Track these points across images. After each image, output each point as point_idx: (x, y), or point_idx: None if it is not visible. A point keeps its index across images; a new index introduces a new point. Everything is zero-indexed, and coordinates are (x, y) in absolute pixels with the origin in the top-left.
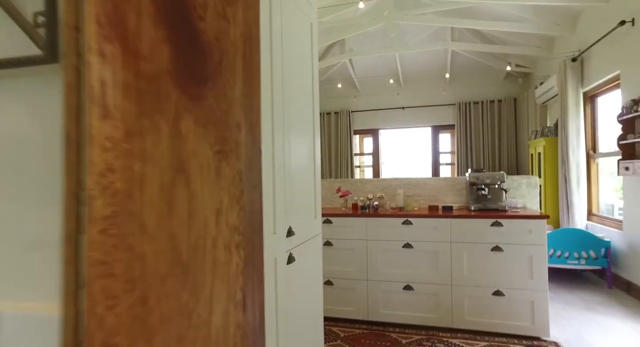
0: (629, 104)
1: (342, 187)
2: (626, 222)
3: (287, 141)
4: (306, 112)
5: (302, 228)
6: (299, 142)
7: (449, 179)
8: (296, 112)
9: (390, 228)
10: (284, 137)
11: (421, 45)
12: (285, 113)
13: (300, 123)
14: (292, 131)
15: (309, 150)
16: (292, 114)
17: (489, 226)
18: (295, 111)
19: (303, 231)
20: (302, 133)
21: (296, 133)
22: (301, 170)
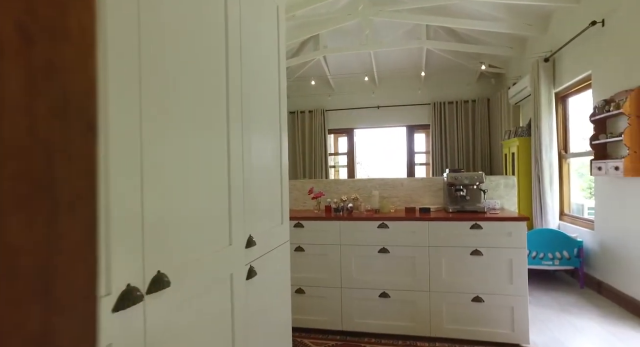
0: (600, 104)
1: (314, 188)
2: (597, 222)
3: (247, 140)
4: (271, 109)
5: (265, 236)
6: (263, 141)
7: (425, 180)
8: (259, 109)
9: (366, 232)
10: (242, 135)
11: (396, 43)
12: (245, 109)
13: (264, 121)
14: (254, 129)
15: (275, 150)
16: (254, 111)
17: (468, 229)
18: (257, 107)
19: (267, 240)
20: (266, 131)
21: (259, 131)
22: (265, 171)
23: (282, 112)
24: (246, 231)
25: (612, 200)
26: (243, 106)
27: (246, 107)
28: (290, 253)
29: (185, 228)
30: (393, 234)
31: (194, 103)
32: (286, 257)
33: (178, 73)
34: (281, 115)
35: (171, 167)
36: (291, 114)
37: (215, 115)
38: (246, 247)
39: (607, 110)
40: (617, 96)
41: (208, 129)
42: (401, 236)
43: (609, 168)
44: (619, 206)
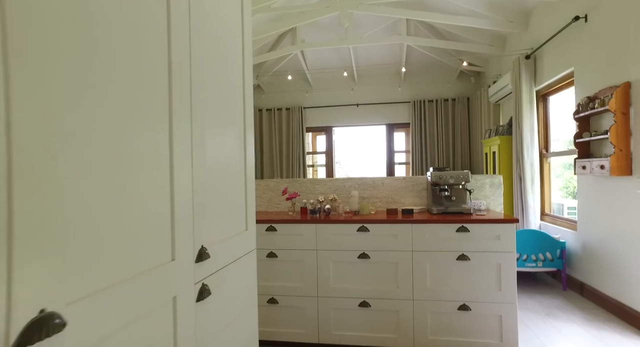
0: (584, 102)
1: (289, 189)
2: (580, 223)
3: (199, 135)
4: (233, 103)
5: (224, 246)
6: (221, 137)
7: (408, 179)
8: (216, 102)
9: (344, 236)
10: (191, 130)
11: (376, 39)
12: (196, 102)
13: (224, 115)
14: (209, 124)
15: (237, 148)
16: (209, 104)
17: (454, 232)
18: (214, 101)
19: (226, 250)
20: (226, 127)
21: (216, 126)
22: (224, 171)
23: (247, 107)
24: (197, 242)
25: (596, 200)
26: (194, 99)
27: (198, 100)
28: (262, 260)
29: (97, 244)
30: (374, 238)
31: (120, 92)
32: (252, 269)
33: (94, 56)
34: (246, 110)
35: (80, 165)
36: (268, 111)
37: (150, 108)
38: (197, 261)
39: (592, 108)
40: (602, 93)
41: (142, 122)
42: (382, 240)
43: (594, 167)
44: (603, 206)
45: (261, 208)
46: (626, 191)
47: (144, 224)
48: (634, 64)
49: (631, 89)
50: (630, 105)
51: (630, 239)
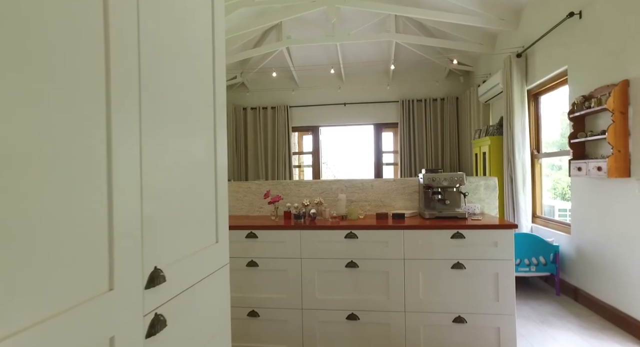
0: (579, 101)
1: (272, 191)
2: (574, 226)
3: (150, 135)
4: (199, 100)
5: (186, 265)
6: (185, 136)
7: (398, 181)
8: (177, 99)
9: (331, 243)
10: (140, 128)
11: (364, 36)
12: (148, 98)
13: (187, 113)
14: (165, 122)
15: (206, 149)
16: (166, 101)
17: (449, 238)
18: (173, 97)
19: (189, 269)
20: (191, 124)
21: (177, 123)
22: (189, 175)
23: (218, 104)
24: (148, 263)
25: (591, 202)
26: (144, 94)
27: (151, 96)
28: (242, 269)
29: None
30: (362, 245)
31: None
32: (224, 287)
33: None
34: (217, 107)
35: None
36: (253, 110)
37: (72, 94)
38: (148, 287)
39: (588, 107)
40: (598, 92)
41: (61, 113)
42: (372, 247)
43: (591, 168)
44: (599, 209)
45: (242, 212)
46: (624, 193)
47: (61, 245)
48: (632, 61)
49: (630, 88)
50: (629, 105)
51: (628, 243)
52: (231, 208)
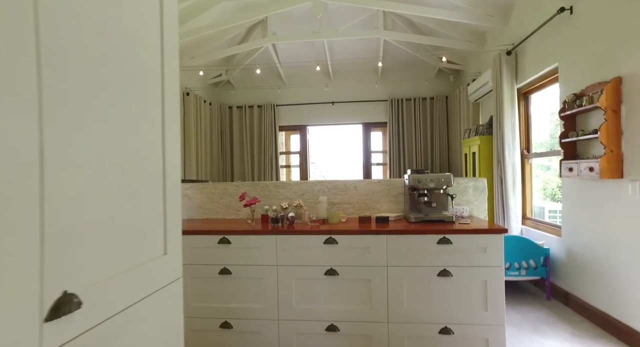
0: (570, 99)
1: (249, 193)
2: (565, 228)
3: (63, 120)
4: (140, 85)
5: (116, 284)
6: (117, 125)
7: (383, 182)
8: (104, 73)
9: (309, 249)
10: (41, 109)
11: (352, 33)
12: (55, 76)
13: (122, 94)
14: (88, 104)
15: (151, 146)
16: (87, 75)
17: (435, 244)
18: (100, 70)
19: (120, 289)
20: (125, 111)
21: (103, 108)
22: (124, 174)
23: (168, 94)
24: (52, 287)
25: (583, 204)
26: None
27: (60, 74)
28: (214, 277)
29: None
30: (343, 251)
31: None
32: (174, 306)
33: None
34: (167, 97)
35: None
36: (239, 109)
37: None
38: (49, 319)
39: (579, 105)
40: (589, 89)
41: None
42: (353, 253)
43: (582, 169)
44: (591, 211)
45: (219, 215)
46: (617, 195)
47: None
48: (625, 57)
49: (622, 85)
50: (622, 103)
51: (620, 247)
52: (207, 211)
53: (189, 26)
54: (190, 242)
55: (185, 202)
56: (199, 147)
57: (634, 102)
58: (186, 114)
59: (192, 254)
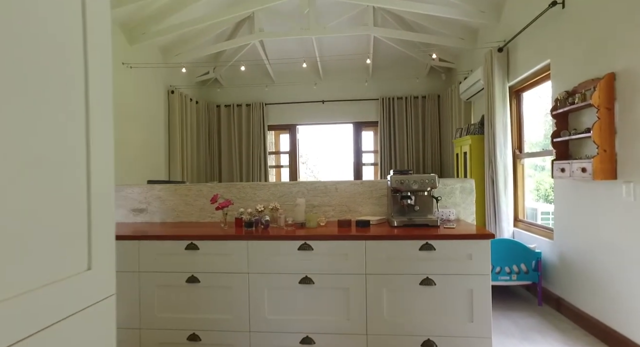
0: (562, 97)
1: (224, 194)
2: (557, 231)
3: None
4: (54, 67)
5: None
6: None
7: (366, 183)
8: None
9: (283, 255)
10: None
11: (341, 29)
12: None
13: (31, 86)
14: None
15: (66, 140)
16: None
17: (417, 250)
18: None
19: (18, 317)
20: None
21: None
22: (29, 172)
23: (93, 76)
24: None
25: (575, 206)
26: None
27: None
28: (181, 286)
29: None
30: (319, 257)
31: None
32: (102, 329)
33: None
34: (91, 81)
35: None
36: (227, 108)
37: None
38: None
39: (571, 103)
40: (582, 86)
41: None
42: (329, 260)
43: (574, 170)
44: (583, 214)
45: (192, 218)
46: (610, 197)
47: None
48: (619, 52)
49: (616, 81)
50: (615, 100)
51: (614, 251)
52: (180, 214)
53: (172, 21)
54: (156, 248)
55: (157, 205)
56: (185, 147)
57: (628, 99)
58: (171, 113)
59: (159, 261)
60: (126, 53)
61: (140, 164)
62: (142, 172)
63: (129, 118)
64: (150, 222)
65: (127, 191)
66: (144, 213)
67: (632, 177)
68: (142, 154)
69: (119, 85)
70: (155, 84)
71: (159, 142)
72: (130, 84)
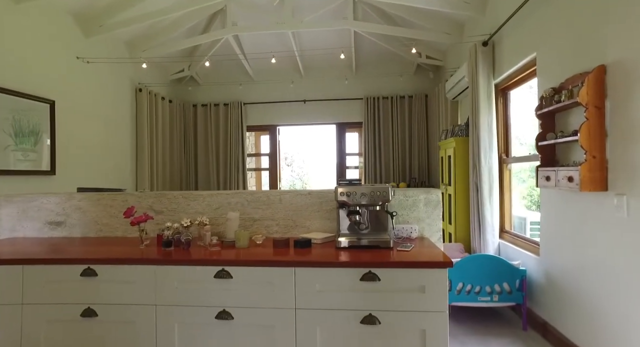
0: (548, 94)
1: (150, 205)
2: (543, 247)
3: None
4: None
5: None
6: None
7: (314, 194)
8: None
9: (197, 283)
10: None
11: (318, 23)
12: None
13: None
14: None
15: None
16: None
17: (358, 281)
18: None
19: None
20: None
21: None
22: None
23: None
24: None
25: (563, 220)
26: None
27: None
28: (74, 320)
29: None
30: (240, 287)
31: None
32: None
33: None
34: None
35: None
36: (204, 107)
37: None
38: None
39: (558, 101)
40: (570, 82)
41: None
42: (252, 290)
43: (560, 178)
44: (572, 229)
45: (118, 233)
46: (600, 211)
47: None
48: (611, 41)
49: (607, 75)
50: (606, 97)
51: (605, 272)
52: (103, 227)
53: (133, 12)
54: (45, 274)
55: (78, 217)
56: (155, 149)
57: (620, 96)
58: (139, 112)
59: (48, 291)
60: (83, 47)
61: (102, 167)
62: (103, 177)
63: (88, 116)
64: (69, 236)
65: (41, 201)
66: (61, 226)
67: (625, 189)
68: (104, 156)
69: (72, 80)
70: (120, 81)
71: (125, 144)
72: (88, 80)
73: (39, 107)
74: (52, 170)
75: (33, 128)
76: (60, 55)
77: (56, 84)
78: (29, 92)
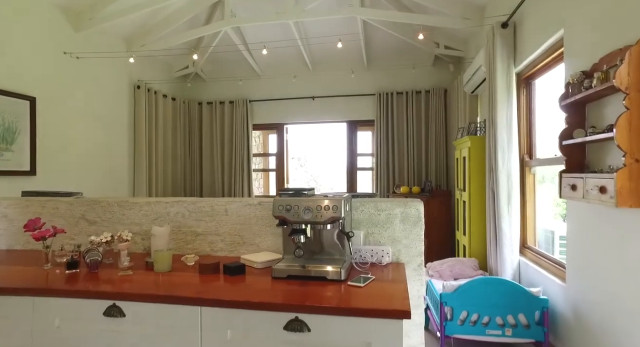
0: (577, 79)
1: (69, 214)
2: (571, 272)
3: None
4: None
5: None
6: None
7: (265, 205)
8: None
9: (85, 322)
10: None
11: (322, 12)
12: None
13: None
14: None
15: None
16: None
17: (281, 330)
18: None
19: None
20: None
21: None
22: None
23: None
24: None
25: (596, 239)
26: None
27: None
28: None
29: None
30: (134, 329)
31: None
32: None
33: None
34: None
35: None
36: (209, 105)
37: None
38: None
39: (588, 87)
40: (604, 61)
41: None
42: (149, 335)
43: (590, 188)
44: (606, 252)
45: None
46: None
47: None
48: None
49: None
50: None
51: None
52: (31, 239)
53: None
54: None
55: (3, 227)
56: (155, 149)
57: None
58: (137, 111)
59: None
60: (74, 42)
61: (95, 169)
62: (94, 180)
63: (77, 115)
64: None
65: None
66: None
67: None
68: (98, 157)
69: (58, 77)
70: (116, 78)
71: (122, 145)
72: (78, 77)
73: (16, 104)
74: (32, 171)
75: (9, 126)
76: (44, 50)
77: (38, 80)
78: (5, 88)
